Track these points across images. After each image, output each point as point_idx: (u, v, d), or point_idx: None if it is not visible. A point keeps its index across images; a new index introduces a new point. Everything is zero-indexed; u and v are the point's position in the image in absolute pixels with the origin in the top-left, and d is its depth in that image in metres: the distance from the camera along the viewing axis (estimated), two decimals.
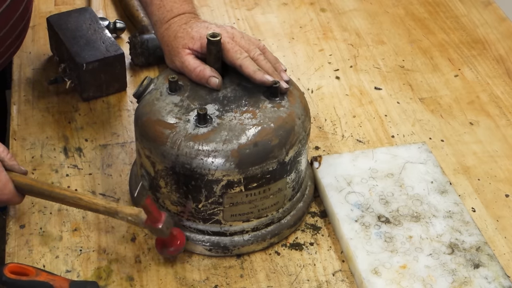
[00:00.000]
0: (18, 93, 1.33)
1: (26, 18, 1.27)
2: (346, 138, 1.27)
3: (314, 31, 1.52)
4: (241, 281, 1.04)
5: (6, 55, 1.26)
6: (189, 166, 1.00)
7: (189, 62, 1.08)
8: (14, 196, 1.04)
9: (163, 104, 1.05)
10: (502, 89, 1.39)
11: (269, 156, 1.01)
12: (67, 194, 1.03)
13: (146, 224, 1.01)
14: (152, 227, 1.01)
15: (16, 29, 1.23)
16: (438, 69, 1.43)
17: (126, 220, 1.02)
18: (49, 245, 1.08)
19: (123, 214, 1.01)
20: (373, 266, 1.03)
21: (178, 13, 1.13)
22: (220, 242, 1.06)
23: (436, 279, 1.02)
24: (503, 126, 1.31)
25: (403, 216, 1.10)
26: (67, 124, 1.27)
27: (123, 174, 1.18)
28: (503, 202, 1.17)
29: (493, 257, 1.05)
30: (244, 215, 1.05)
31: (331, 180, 1.15)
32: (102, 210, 1.02)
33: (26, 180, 1.05)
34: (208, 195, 1.02)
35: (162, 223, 1.00)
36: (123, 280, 1.03)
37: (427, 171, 1.17)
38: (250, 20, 1.55)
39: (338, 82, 1.39)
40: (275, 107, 1.05)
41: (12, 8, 1.20)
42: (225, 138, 1.00)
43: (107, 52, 1.29)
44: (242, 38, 1.10)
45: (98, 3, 1.54)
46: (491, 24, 1.56)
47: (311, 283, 1.04)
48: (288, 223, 1.09)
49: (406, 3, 1.61)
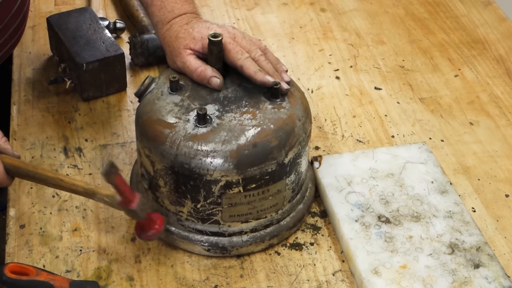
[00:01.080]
0: (18, 93, 1.33)
1: (23, 12, 1.27)
2: (346, 138, 1.27)
3: (314, 31, 1.52)
4: (241, 281, 1.04)
5: (3, 50, 1.26)
6: (187, 166, 1.00)
7: (191, 63, 1.08)
8: (4, 178, 1.04)
9: (164, 103, 1.05)
10: (502, 89, 1.39)
11: (268, 157, 1.01)
12: (49, 175, 1.04)
13: (121, 205, 1.01)
14: (126, 209, 1.01)
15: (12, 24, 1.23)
16: (438, 69, 1.43)
17: (103, 201, 1.02)
18: (49, 245, 1.08)
19: (100, 195, 1.02)
20: (373, 266, 1.03)
21: (179, 13, 1.13)
22: (218, 242, 1.06)
23: (436, 279, 1.02)
24: (503, 126, 1.31)
25: (403, 216, 1.10)
26: (67, 124, 1.27)
27: (123, 174, 1.18)
28: (503, 202, 1.17)
29: (493, 257, 1.05)
30: (242, 216, 1.05)
31: (331, 180, 1.15)
32: (82, 191, 1.03)
33: (14, 162, 1.05)
34: (207, 195, 1.02)
35: (135, 204, 1.00)
36: (123, 280, 1.03)
37: (427, 171, 1.17)
38: (250, 20, 1.55)
39: (338, 82, 1.39)
40: (275, 108, 1.05)
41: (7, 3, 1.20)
42: (224, 139, 1.00)
43: (107, 52, 1.29)
44: (243, 39, 1.10)
45: (98, 3, 1.54)
46: (491, 24, 1.56)
47: (311, 283, 1.04)
48: (288, 225, 1.09)
49: (406, 3, 1.61)
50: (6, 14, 1.21)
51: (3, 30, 1.22)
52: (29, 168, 1.05)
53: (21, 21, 1.28)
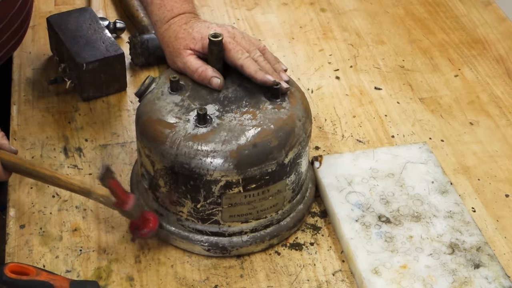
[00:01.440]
0: (18, 93, 1.33)
1: (26, 9, 1.27)
2: (346, 138, 1.27)
3: (314, 31, 1.52)
4: (241, 281, 1.04)
5: (4, 49, 1.26)
6: (187, 166, 1.00)
7: (191, 63, 1.08)
8: (0, 173, 1.04)
9: (164, 103, 1.05)
10: (502, 89, 1.39)
11: (268, 157, 1.01)
12: (46, 173, 1.04)
13: (115, 206, 1.02)
14: (120, 209, 1.03)
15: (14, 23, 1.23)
16: (438, 69, 1.43)
17: (98, 200, 1.03)
18: (49, 245, 1.08)
19: (96, 195, 1.03)
20: (374, 266, 1.03)
21: (178, 12, 1.13)
22: (218, 242, 1.06)
23: (436, 279, 1.02)
24: (503, 126, 1.31)
25: (404, 216, 1.10)
26: (67, 124, 1.27)
27: (123, 174, 1.18)
28: (503, 202, 1.17)
29: (493, 257, 1.05)
30: (242, 216, 1.05)
31: (331, 179, 1.15)
32: (77, 190, 1.04)
33: (11, 158, 1.05)
34: (207, 195, 1.02)
35: (129, 205, 1.02)
36: (123, 280, 1.03)
37: (427, 171, 1.17)
38: (250, 20, 1.55)
39: (338, 82, 1.39)
40: (275, 108, 1.04)
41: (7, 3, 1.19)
42: (224, 139, 1.00)
43: (107, 52, 1.29)
44: (242, 38, 1.10)
45: (98, 3, 1.54)
46: (491, 24, 1.56)
47: (311, 283, 1.04)
48: (288, 225, 1.09)
49: (406, 3, 1.61)
50: (9, 10, 1.20)
51: (6, 26, 1.21)
52: (26, 165, 1.05)
53: (24, 18, 1.28)
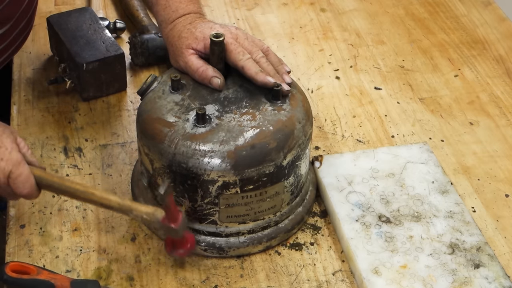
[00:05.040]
0: (18, 93, 1.33)
1: (31, 11, 1.27)
2: (346, 138, 1.27)
3: (314, 31, 1.52)
4: (241, 281, 1.04)
5: (11, 49, 1.26)
6: (185, 165, 1.00)
7: (193, 62, 1.08)
8: (34, 190, 1.01)
9: (164, 102, 1.05)
10: (502, 89, 1.39)
11: (266, 159, 1.01)
12: (78, 189, 1.00)
13: (163, 223, 0.99)
14: (168, 227, 0.99)
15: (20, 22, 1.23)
16: (438, 69, 1.43)
17: (140, 218, 0.99)
18: (49, 245, 1.08)
19: (138, 212, 0.98)
20: (374, 265, 1.03)
21: (183, 13, 1.13)
22: (215, 242, 1.06)
23: (436, 279, 1.02)
24: (503, 126, 1.31)
25: (404, 216, 1.10)
26: (67, 124, 1.27)
27: (123, 174, 1.18)
28: (503, 202, 1.17)
29: (493, 257, 1.05)
30: (240, 217, 1.05)
31: (332, 179, 1.15)
32: (116, 207, 0.99)
33: (42, 174, 1.01)
34: (204, 195, 1.02)
35: (179, 223, 0.99)
36: (123, 280, 1.03)
37: (428, 171, 1.17)
38: (250, 20, 1.55)
39: (338, 82, 1.39)
40: (275, 110, 1.04)
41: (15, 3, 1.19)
42: (222, 139, 1.00)
43: (107, 52, 1.29)
44: (245, 39, 1.10)
45: (98, 3, 1.54)
46: (491, 24, 1.56)
47: (311, 283, 1.04)
48: (286, 227, 1.09)
49: (406, 3, 1.61)
50: (16, 10, 1.20)
51: (13, 26, 1.21)
52: (54, 180, 1.01)
53: (30, 18, 1.28)
